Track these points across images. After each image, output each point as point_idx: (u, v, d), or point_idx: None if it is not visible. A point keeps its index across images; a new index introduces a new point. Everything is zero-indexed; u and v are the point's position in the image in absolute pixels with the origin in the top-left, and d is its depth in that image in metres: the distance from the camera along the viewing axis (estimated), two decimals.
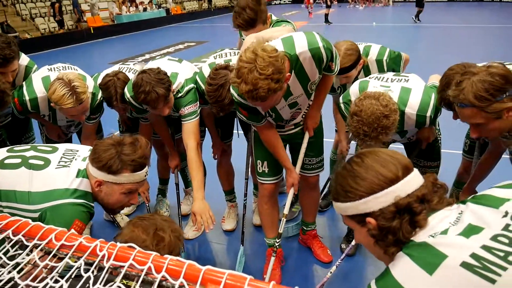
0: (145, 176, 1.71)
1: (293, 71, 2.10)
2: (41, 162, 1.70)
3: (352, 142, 2.95)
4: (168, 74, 2.49)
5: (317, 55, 2.09)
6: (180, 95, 2.57)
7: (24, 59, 2.84)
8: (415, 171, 1.06)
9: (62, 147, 1.83)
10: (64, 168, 1.68)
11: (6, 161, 1.69)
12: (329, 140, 3.14)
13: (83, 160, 1.73)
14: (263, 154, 2.53)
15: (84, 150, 1.82)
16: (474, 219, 0.97)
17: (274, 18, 2.99)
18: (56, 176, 1.65)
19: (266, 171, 2.59)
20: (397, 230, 0.99)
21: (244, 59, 1.85)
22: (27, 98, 2.58)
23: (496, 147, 2.22)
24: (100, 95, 2.69)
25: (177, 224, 1.43)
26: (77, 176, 1.66)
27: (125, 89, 2.63)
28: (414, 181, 1.03)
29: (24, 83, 2.67)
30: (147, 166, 1.70)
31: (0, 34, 2.59)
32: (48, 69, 2.72)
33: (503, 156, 2.32)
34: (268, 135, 2.38)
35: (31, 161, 1.69)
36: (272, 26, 2.82)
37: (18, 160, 1.69)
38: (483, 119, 1.65)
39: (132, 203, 1.78)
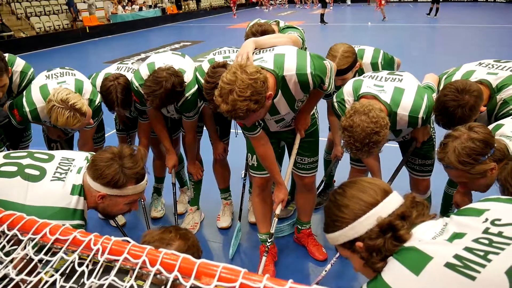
0: (146, 184, 1.72)
1: (279, 90, 2.14)
2: (37, 173, 1.65)
3: None
4: (176, 68, 2.53)
5: (303, 81, 2.13)
6: (184, 98, 2.60)
7: (19, 65, 2.76)
8: (394, 193, 1.15)
9: (59, 155, 1.79)
10: (59, 182, 1.64)
11: (2, 169, 1.65)
12: (323, 139, 3.15)
13: (78, 172, 1.68)
14: (253, 148, 2.54)
15: (80, 159, 1.77)
16: (458, 227, 1.06)
17: (282, 24, 3.01)
18: (51, 191, 1.61)
19: (255, 165, 2.61)
20: (381, 247, 1.06)
21: (225, 80, 1.88)
22: (27, 109, 2.55)
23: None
24: (98, 100, 2.65)
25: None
26: (72, 193, 1.62)
27: (133, 78, 2.66)
28: (393, 201, 1.12)
29: (23, 93, 2.61)
30: (147, 175, 1.71)
31: None
32: (46, 76, 2.66)
33: None
34: (262, 149, 2.39)
35: (27, 170, 1.65)
36: (280, 33, 2.84)
37: (14, 168, 1.65)
38: (468, 179, 1.75)
39: (133, 209, 1.77)
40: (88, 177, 1.64)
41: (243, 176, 3.25)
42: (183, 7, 25.27)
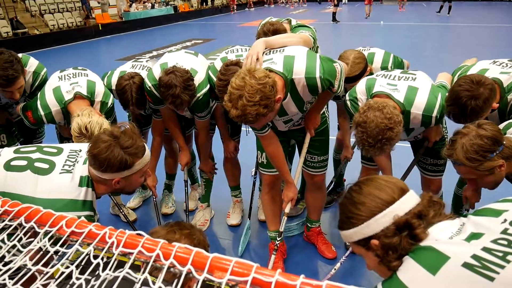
0: (149, 152, 1.76)
1: (288, 93, 2.14)
2: (46, 166, 1.68)
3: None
4: (188, 68, 2.54)
5: (312, 84, 2.13)
6: (196, 98, 2.61)
7: (32, 65, 2.80)
8: (411, 191, 1.14)
9: (67, 148, 1.81)
10: (67, 174, 1.66)
11: (13, 163, 1.68)
12: (332, 138, 3.15)
13: (84, 163, 1.71)
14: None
15: (86, 149, 1.77)
16: (475, 228, 1.05)
17: (294, 23, 3.01)
18: (60, 183, 1.64)
19: (265, 163, 2.62)
20: (397, 245, 1.05)
21: (234, 86, 1.90)
22: (42, 113, 2.58)
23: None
24: (110, 102, 2.67)
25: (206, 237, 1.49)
26: (80, 185, 1.65)
27: (146, 78, 2.67)
28: (410, 200, 1.11)
29: (38, 96, 2.64)
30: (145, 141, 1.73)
31: (3, 52, 2.49)
32: (58, 77, 2.67)
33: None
34: (271, 148, 2.39)
35: (36, 164, 1.68)
36: (291, 32, 2.83)
37: (24, 163, 1.68)
38: (476, 176, 1.76)
39: (147, 177, 1.83)
40: (94, 171, 1.65)
41: (253, 174, 3.27)
42: (196, 5, 25.39)
